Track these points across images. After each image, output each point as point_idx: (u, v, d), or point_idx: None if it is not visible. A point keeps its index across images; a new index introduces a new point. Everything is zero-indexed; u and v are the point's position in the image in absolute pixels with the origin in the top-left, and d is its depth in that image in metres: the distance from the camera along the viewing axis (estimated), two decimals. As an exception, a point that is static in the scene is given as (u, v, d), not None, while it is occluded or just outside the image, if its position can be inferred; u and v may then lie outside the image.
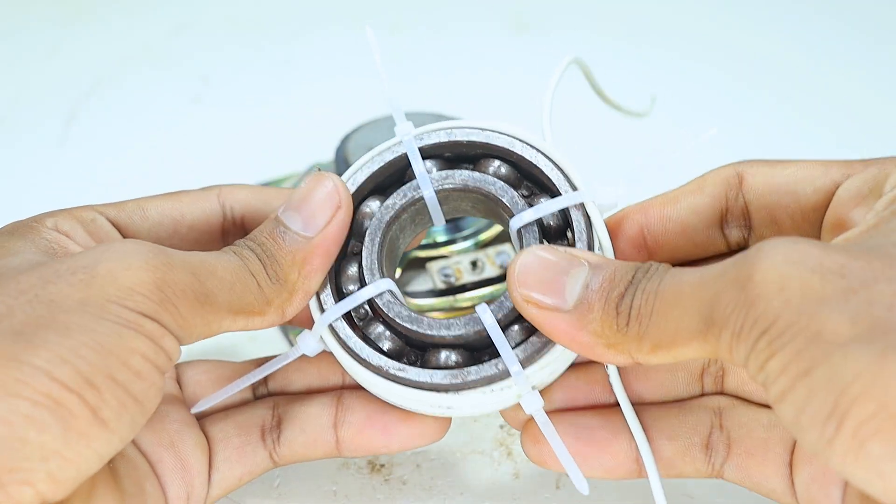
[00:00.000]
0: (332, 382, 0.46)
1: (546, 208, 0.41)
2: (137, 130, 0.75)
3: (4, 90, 0.79)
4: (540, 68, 0.82)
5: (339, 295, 0.42)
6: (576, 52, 0.47)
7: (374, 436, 0.43)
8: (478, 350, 0.41)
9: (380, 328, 0.42)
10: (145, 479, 0.41)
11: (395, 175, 0.44)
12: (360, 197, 0.43)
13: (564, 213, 0.42)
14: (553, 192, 0.42)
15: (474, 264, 0.55)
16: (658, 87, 0.79)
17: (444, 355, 0.41)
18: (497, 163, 0.43)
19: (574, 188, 0.42)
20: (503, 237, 0.57)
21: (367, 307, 0.42)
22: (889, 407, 0.29)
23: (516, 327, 0.41)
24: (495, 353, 0.40)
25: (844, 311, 0.31)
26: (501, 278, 0.55)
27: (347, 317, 0.42)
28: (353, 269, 0.42)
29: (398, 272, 0.55)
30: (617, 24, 0.87)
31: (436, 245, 0.56)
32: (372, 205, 0.43)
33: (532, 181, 0.43)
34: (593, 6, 0.89)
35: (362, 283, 0.42)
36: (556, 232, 0.42)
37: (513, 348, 0.40)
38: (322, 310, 0.42)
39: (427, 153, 0.44)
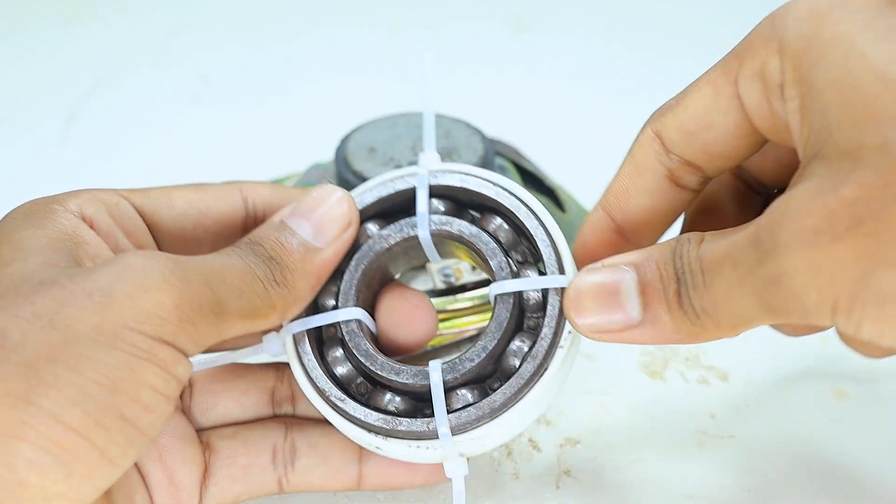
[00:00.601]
0: None
1: (525, 284, 0.41)
2: (137, 130, 0.75)
3: (4, 90, 0.79)
4: (540, 68, 0.83)
5: (315, 307, 0.43)
6: (575, 52, 0.47)
7: (400, 473, 0.43)
8: (423, 402, 0.41)
9: (339, 352, 0.42)
10: (135, 492, 0.41)
11: (403, 204, 0.44)
12: (363, 216, 0.44)
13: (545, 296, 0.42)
14: (543, 265, 0.42)
15: (474, 264, 0.55)
16: (658, 88, 0.80)
17: (389, 398, 0.41)
18: (500, 221, 0.43)
19: (562, 271, 0.41)
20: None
21: (336, 328, 0.43)
22: None
23: (464, 391, 0.41)
24: (431, 415, 0.40)
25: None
26: (501, 278, 0.55)
27: (317, 331, 0.42)
28: (335, 285, 0.43)
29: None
30: (617, 25, 0.87)
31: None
32: (371, 228, 0.44)
33: (530, 246, 0.43)
34: (593, 6, 0.89)
35: (337, 304, 0.43)
36: (535, 307, 0.42)
37: (453, 411, 0.40)
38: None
39: (439, 192, 0.44)
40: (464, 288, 0.55)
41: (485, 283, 0.55)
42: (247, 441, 0.44)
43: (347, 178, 0.55)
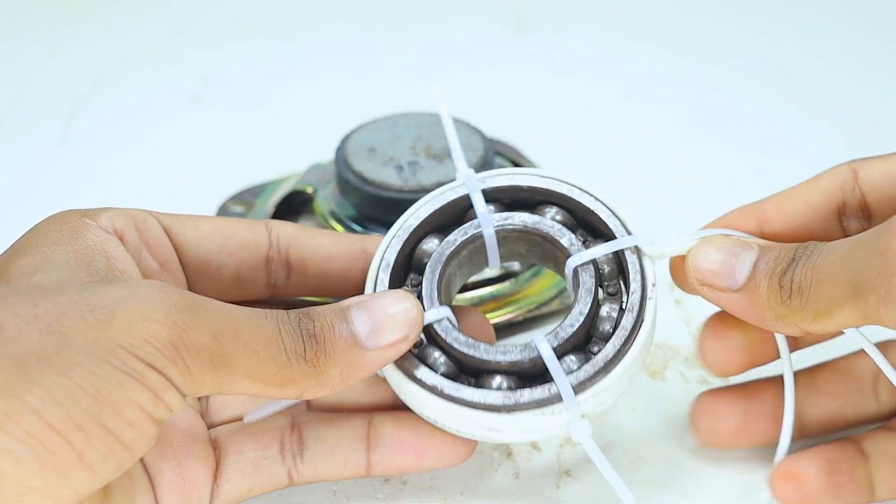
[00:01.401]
0: (363, 401, 0.46)
1: (603, 249, 0.43)
2: (137, 130, 0.75)
3: (4, 90, 0.79)
4: (540, 68, 0.83)
5: None
6: (575, 52, 0.48)
7: (408, 458, 0.44)
8: (530, 380, 0.42)
9: (436, 353, 0.42)
10: (137, 493, 0.41)
11: (454, 216, 0.46)
12: (420, 233, 0.45)
13: (619, 261, 0.44)
14: (608, 238, 0.44)
15: (474, 264, 0.55)
16: (659, 87, 0.80)
17: (497, 381, 0.42)
18: (554, 209, 0.45)
19: (629, 234, 0.44)
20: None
21: (421, 335, 0.43)
22: None
23: (571, 357, 0.42)
24: (547, 382, 0.41)
25: None
26: (502, 278, 0.56)
27: None
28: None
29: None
30: (617, 25, 0.87)
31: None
32: (431, 243, 0.45)
33: (587, 228, 0.45)
34: (594, 6, 0.89)
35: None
36: (610, 275, 0.44)
37: (569, 374, 0.41)
38: None
39: (487, 196, 0.45)
40: (464, 288, 0.55)
41: (484, 284, 0.55)
42: (254, 435, 0.44)
43: (347, 178, 0.55)
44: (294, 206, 0.60)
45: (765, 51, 0.82)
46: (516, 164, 0.63)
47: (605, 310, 0.43)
